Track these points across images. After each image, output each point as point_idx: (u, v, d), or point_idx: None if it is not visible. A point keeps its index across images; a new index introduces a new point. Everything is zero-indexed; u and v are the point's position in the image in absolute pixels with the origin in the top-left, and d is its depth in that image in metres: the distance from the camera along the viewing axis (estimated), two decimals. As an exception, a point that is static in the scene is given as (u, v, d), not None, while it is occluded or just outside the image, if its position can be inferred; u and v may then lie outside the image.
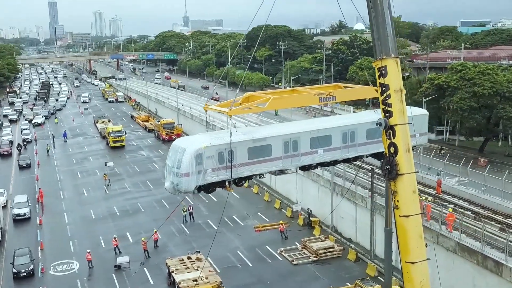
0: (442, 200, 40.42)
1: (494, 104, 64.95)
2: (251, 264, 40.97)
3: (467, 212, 37.76)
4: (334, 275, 38.46)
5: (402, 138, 21.36)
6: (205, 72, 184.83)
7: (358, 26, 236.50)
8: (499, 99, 64.93)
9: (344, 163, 36.45)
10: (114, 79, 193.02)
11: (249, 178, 29.93)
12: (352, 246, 42.96)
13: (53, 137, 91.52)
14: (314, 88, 31.93)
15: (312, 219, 47.81)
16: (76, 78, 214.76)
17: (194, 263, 38.60)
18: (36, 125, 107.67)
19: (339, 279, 37.66)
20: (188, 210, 50.77)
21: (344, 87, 31.73)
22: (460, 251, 31.93)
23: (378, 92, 22.10)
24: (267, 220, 49.86)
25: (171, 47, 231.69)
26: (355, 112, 67.70)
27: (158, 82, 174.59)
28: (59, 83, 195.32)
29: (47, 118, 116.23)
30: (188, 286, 35.08)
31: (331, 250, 41.75)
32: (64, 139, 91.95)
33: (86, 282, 39.17)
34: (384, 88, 21.64)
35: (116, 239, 44.16)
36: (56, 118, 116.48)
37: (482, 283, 30.62)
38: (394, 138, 21.52)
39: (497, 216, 36.85)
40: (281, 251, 42.53)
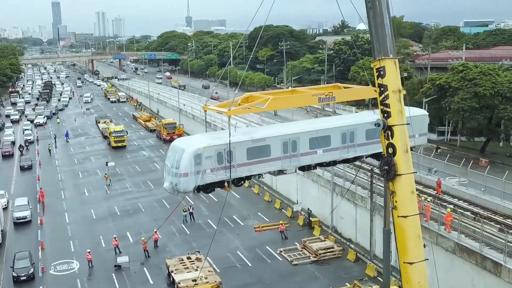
0: (442, 201, 40.33)
1: (495, 105, 64.78)
2: (250, 264, 41.01)
3: (466, 213, 37.70)
4: (334, 275, 38.48)
5: (401, 139, 21.37)
6: (207, 72, 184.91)
7: (361, 26, 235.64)
8: (501, 99, 64.75)
9: (343, 163, 36.45)
10: (117, 79, 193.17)
11: (248, 178, 29.93)
12: (352, 246, 42.95)
13: (55, 137, 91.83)
14: (313, 89, 31.98)
15: (312, 219, 47.82)
16: (79, 78, 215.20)
17: (194, 263, 38.64)
18: (38, 125, 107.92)
19: (338, 279, 37.69)
20: (189, 210, 50.82)
21: (344, 88, 31.86)
22: (459, 252, 31.90)
23: (376, 92, 22.14)
24: (267, 220, 49.89)
25: (174, 47, 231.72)
26: (356, 112, 67.63)
27: (159, 81, 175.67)
28: (61, 83, 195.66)
29: (49, 118, 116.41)
30: (187, 286, 35.13)
31: (330, 250, 41.76)
32: (66, 139, 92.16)
33: (86, 282, 39.28)
34: (382, 89, 21.67)
35: (116, 239, 44.25)
36: (58, 118, 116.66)
37: (481, 283, 30.58)
38: (392, 139, 21.56)
39: (496, 217, 36.77)
40: (281, 251, 42.55)
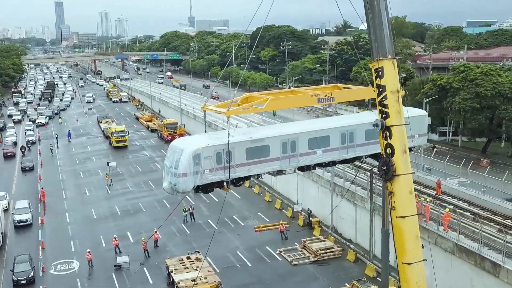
0: (442, 201, 40.30)
1: (497, 105, 64.78)
2: (250, 264, 41.03)
3: (466, 213, 37.65)
4: (333, 276, 38.48)
5: (399, 139, 21.44)
6: (209, 72, 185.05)
7: (363, 26, 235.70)
8: (502, 99, 64.72)
9: (343, 163, 36.45)
10: (119, 79, 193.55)
11: (247, 178, 30.00)
12: (352, 246, 42.90)
13: (56, 137, 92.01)
14: (312, 89, 32.04)
15: (312, 220, 47.81)
16: (81, 78, 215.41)
17: (194, 263, 38.69)
18: (39, 125, 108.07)
19: (338, 279, 37.70)
20: (189, 210, 50.87)
21: (344, 88, 31.89)
22: (458, 252, 31.86)
23: (375, 93, 22.18)
24: (267, 220, 49.89)
25: (176, 47, 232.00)
26: (358, 113, 67.65)
27: (160, 81, 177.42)
28: (64, 83, 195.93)
29: (51, 118, 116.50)
30: (186, 286, 35.18)
31: (330, 250, 41.74)
32: (69, 139, 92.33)
33: (86, 282, 39.35)
34: (381, 89, 21.76)
35: (116, 238, 44.32)
36: (60, 118, 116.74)
37: (480, 284, 30.54)
38: (390, 139, 21.63)
39: (496, 217, 36.72)
40: (280, 252, 42.56)
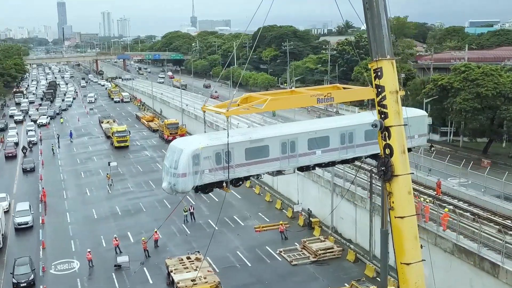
0: (442, 201, 40.27)
1: (498, 105, 64.62)
2: (250, 264, 41.06)
3: (466, 214, 37.62)
4: (333, 276, 38.49)
5: (398, 140, 21.43)
6: (211, 72, 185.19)
7: (365, 26, 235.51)
8: (503, 100, 64.56)
9: (342, 164, 36.45)
10: (121, 79, 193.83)
11: (246, 178, 30.07)
12: (352, 247, 42.89)
13: (58, 137, 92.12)
14: (312, 89, 32.06)
15: (312, 220, 47.81)
16: (83, 78, 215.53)
17: (193, 263, 38.72)
18: (41, 125, 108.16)
19: (337, 279, 37.71)
20: (189, 210, 50.92)
21: (343, 88, 31.90)
22: (457, 253, 31.83)
23: (374, 93, 22.19)
24: (267, 220, 49.91)
25: (178, 47, 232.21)
26: (359, 113, 67.62)
27: (161, 81, 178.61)
28: (66, 83, 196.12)
29: (52, 118, 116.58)
30: (186, 286, 35.23)
31: (330, 250, 41.74)
32: (70, 139, 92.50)
33: (86, 281, 39.42)
34: (380, 90, 21.75)
35: (116, 238, 44.39)
36: (62, 118, 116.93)
37: (479, 284, 30.51)
38: (389, 140, 21.64)
39: (496, 218, 36.68)
40: (280, 252, 42.58)
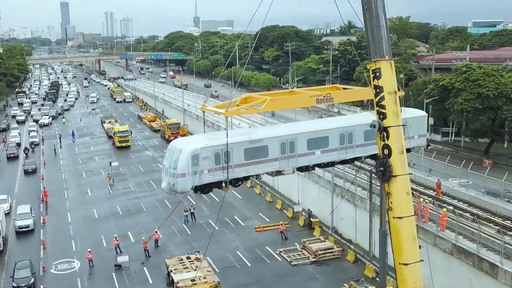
0: (442, 202, 40.22)
1: (499, 106, 64.50)
2: (250, 265, 41.09)
3: (466, 214, 37.56)
4: (332, 276, 38.50)
5: (396, 140, 21.45)
6: (213, 72, 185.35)
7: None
8: (504, 100, 64.42)
9: (342, 164, 36.46)
10: (123, 80, 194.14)
11: (245, 179, 30.11)
12: (352, 247, 42.88)
13: (59, 137, 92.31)
14: (312, 90, 32.09)
15: (313, 220, 47.82)
16: (85, 78, 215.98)
17: (193, 263, 38.76)
18: (42, 125, 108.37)
19: (337, 280, 37.72)
20: (190, 210, 50.97)
21: (343, 89, 31.90)
22: (456, 253, 31.79)
23: (372, 94, 22.20)
24: (268, 220, 49.94)
25: (180, 47, 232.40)
26: (361, 113, 67.58)
27: (162, 81, 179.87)
28: (68, 83, 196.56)
29: (54, 118, 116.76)
30: (185, 286, 35.29)
31: (330, 251, 41.74)
32: (72, 139, 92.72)
33: (86, 281, 39.51)
34: (378, 90, 21.78)
35: (117, 238, 44.48)
36: (64, 118, 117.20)
37: (479, 285, 30.45)
38: (388, 140, 21.67)
39: (495, 218, 36.63)
40: (280, 252, 42.60)
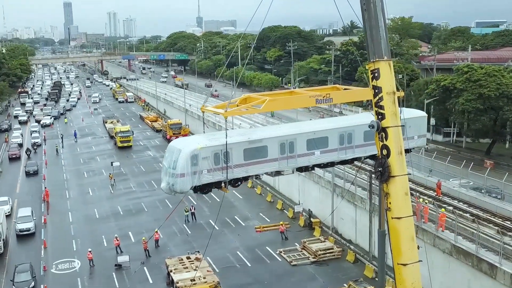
0: (442, 202, 40.18)
1: (501, 106, 64.40)
2: (250, 265, 41.14)
3: (465, 214, 37.51)
4: (332, 276, 38.51)
5: (395, 140, 21.49)
6: (215, 72, 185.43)
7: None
8: (506, 100, 64.30)
9: (342, 164, 36.45)
10: (125, 80, 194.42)
11: (245, 179, 30.13)
12: (352, 247, 42.88)
13: (61, 137, 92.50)
14: (311, 90, 32.07)
15: (313, 220, 47.82)
16: (88, 79, 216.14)
17: (193, 263, 38.82)
18: (44, 125, 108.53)
19: (336, 280, 37.74)
20: (190, 210, 51.03)
21: (344, 89, 31.87)
22: (455, 254, 31.76)
23: (371, 94, 22.24)
24: (268, 220, 49.98)
25: (183, 47, 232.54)
26: (362, 113, 67.52)
27: (164, 80, 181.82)
28: (70, 83, 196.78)
29: (56, 119, 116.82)
30: (185, 286, 35.35)
31: (330, 251, 41.75)
32: (75, 139, 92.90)
33: (87, 281, 39.63)
34: (377, 91, 21.85)
35: (117, 238, 44.58)
36: (66, 118, 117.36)
37: (478, 285, 30.42)
38: (386, 140, 21.72)
39: (495, 219, 36.56)
40: (280, 252, 42.63)
